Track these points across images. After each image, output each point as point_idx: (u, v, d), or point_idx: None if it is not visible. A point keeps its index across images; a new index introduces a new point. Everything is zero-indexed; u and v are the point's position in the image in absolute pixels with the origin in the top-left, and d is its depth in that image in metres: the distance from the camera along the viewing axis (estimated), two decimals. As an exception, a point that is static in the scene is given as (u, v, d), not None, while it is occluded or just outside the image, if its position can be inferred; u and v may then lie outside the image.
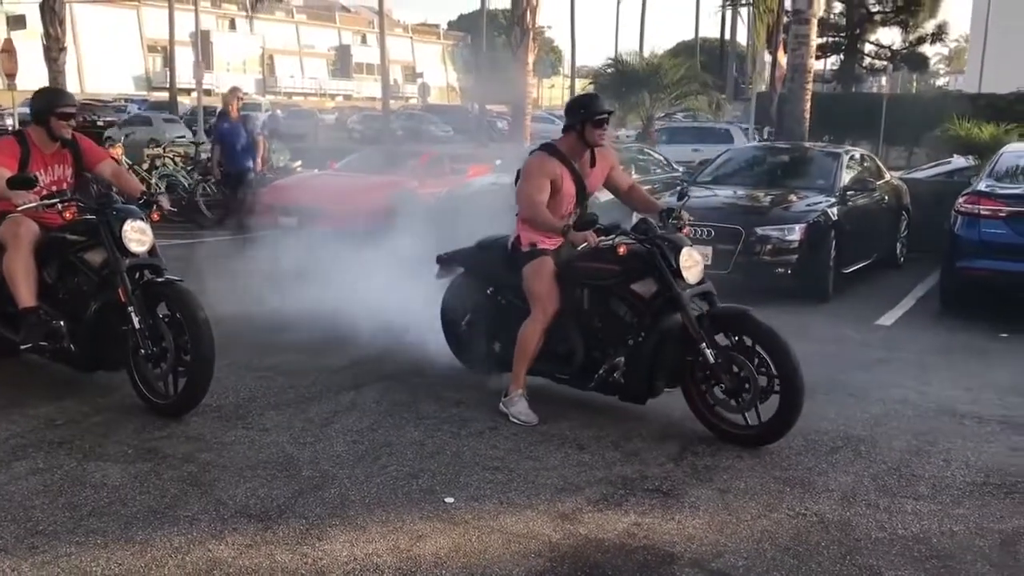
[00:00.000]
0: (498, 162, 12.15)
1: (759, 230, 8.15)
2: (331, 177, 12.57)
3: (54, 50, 17.70)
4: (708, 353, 4.49)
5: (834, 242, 8.43)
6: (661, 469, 4.29)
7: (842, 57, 35.82)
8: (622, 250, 4.56)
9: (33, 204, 4.90)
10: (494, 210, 6.37)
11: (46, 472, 4.05)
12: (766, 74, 27.18)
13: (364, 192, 10.93)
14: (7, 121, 17.48)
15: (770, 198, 8.99)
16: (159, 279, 4.88)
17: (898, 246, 10.42)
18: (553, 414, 4.93)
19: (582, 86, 38.66)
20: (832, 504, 3.94)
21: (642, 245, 4.66)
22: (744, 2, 31.27)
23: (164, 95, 40.27)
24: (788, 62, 15.09)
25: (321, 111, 44.53)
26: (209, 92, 31.58)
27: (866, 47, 36.16)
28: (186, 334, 4.68)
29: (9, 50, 16.04)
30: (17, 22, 17.46)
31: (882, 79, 39.61)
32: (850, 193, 9.05)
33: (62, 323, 4.95)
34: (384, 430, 4.71)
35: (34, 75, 16.94)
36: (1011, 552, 3.54)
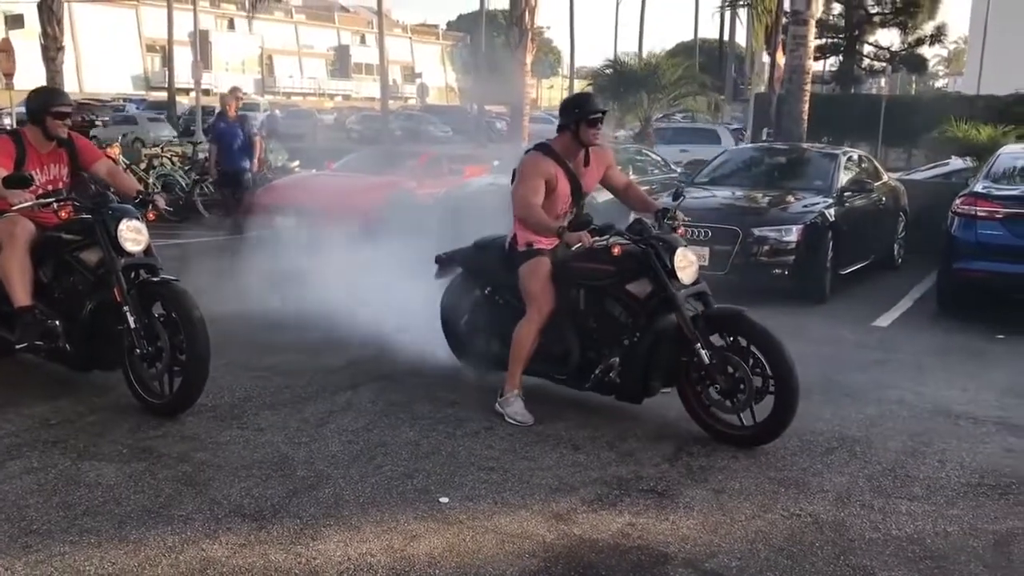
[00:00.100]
0: (496, 162, 12.16)
1: (756, 231, 8.15)
2: (329, 177, 12.57)
3: (52, 50, 17.69)
4: (703, 353, 4.49)
5: (831, 243, 8.43)
6: (656, 469, 4.29)
7: (841, 58, 35.81)
8: (616, 250, 4.56)
9: (29, 203, 4.90)
10: (492, 210, 6.37)
11: (40, 471, 4.05)
12: (765, 75, 27.24)
13: (362, 192, 10.91)
14: (5, 121, 17.48)
15: (767, 199, 9.00)
16: (155, 278, 4.88)
17: (895, 247, 10.42)
18: (549, 414, 4.93)
19: (581, 86, 38.66)
20: (827, 505, 3.94)
21: (637, 245, 4.66)
22: (743, 3, 31.27)
23: (163, 95, 40.23)
24: (786, 63, 15.11)
25: (320, 111, 44.53)
26: (208, 92, 31.59)
27: (865, 48, 36.15)
28: (181, 334, 4.69)
29: (7, 50, 16.04)
30: (15, 21, 17.45)
31: (881, 80, 39.64)
32: (847, 194, 9.05)
33: (57, 322, 4.96)
34: (379, 430, 4.71)
35: (32, 75, 16.91)
36: (1004, 553, 3.54)
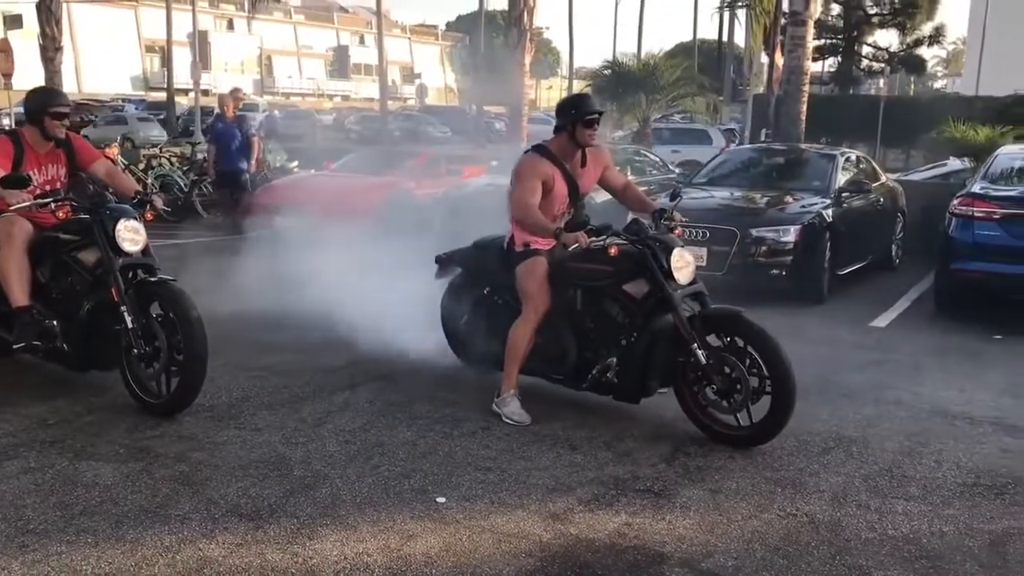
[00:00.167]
0: (494, 163, 12.17)
1: (754, 231, 8.15)
2: (327, 178, 12.58)
3: (50, 50, 17.68)
4: (699, 354, 4.50)
5: (829, 244, 8.43)
6: (653, 469, 4.30)
7: (840, 59, 35.84)
8: (613, 251, 4.57)
9: (26, 203, 4.91)
10: (490, 211, 6.38)
11: (38, 471, 4.06)
12: (764, 76, 27.26)
13: (360, 193, 10.93)
14: (4, 121, 17.47)
15: (765, 199, 9.00)
16: (152, 278, 4.88)
17: (893, 248, 10.42)
18: (546, 414, 4.94)
19: (580, 87, 38.65)
20: (823, 505, 3.94)
21: (633, 246, 4.67)
22: (741, 4, 31.27)
23: (162, 95, 40.22)
24: (785, 64, 15.13)
25: (319, 112, 44.53)
26: (207, 92, 31.56)
27: (864, 49, 36.17)
28: (179, 333, 4.69)
29: (5, 50, 16.03)
30: (14, 21, 17.43)
31: (880, 81, 39.66)
32: (845, 195, 9.05)
33: (55, 322, 4.96)
34: (377, 430, 4.71)
35: (31, 75, 16.89)
36: (1000, 552, 3.55)
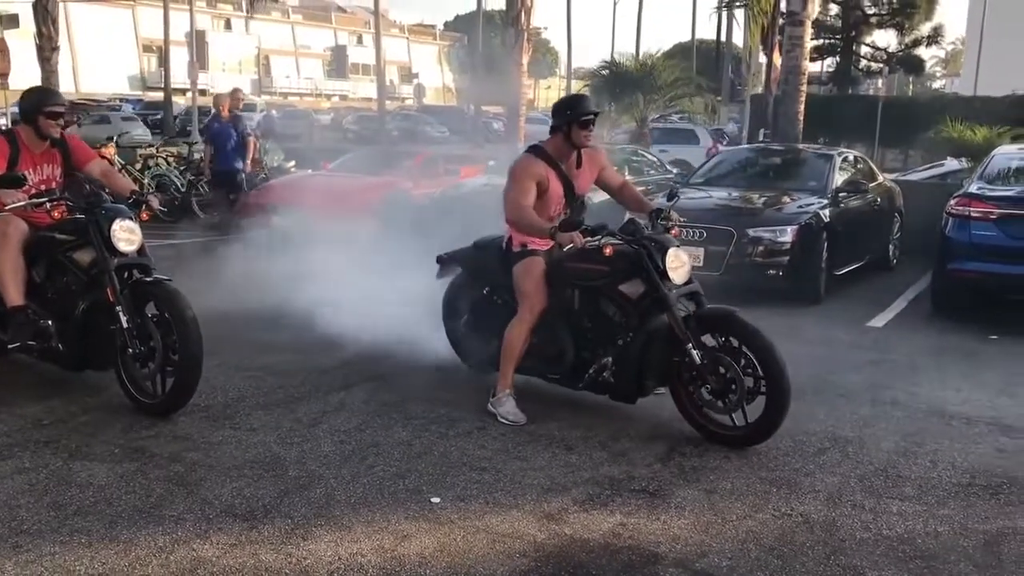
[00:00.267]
0: (491, 163, 12.16)
1: (751, 231, 8.15)
2: (325, 177, 12.56)
3: (47, 49, 17.62)
4: (694, 354, 4.50)
5: (826, 244, 8.44)
6: (648, 469, 4.30)
7: (838, 59, 35.86)
8: (608, 251, 4.57)
9: (22, 203, 4.90)
10: (487, 210, 6.38)
11: (32, 471, 4.05)
12: (762, 76, 27.30)
13: (357, 193, 10.91)
14: (0, 121, 17.45)
15: (763, 200, 9.00)
16: (147, 278, 4.88)
17: (891, 248, 10.43)
18: (542, 414, 4.94)
19: (578, 87, 38.64)
20: (818, 505, 3.94)
21: (629, 246, 4.67)
22: (739, 4, 31.28)
23: (159, 95, 40.20)
24: (782, 64, 15.13)
25: (317, 111, 44.48)
26: (204, 92, 31.52)
27: (862, 49, 36.20)
28: (174, 334, 4.69)
29: (2, 49, 15.98)
30: (10, 21, 17.35)
31: (878, 81, 39.69)
32: (842, 195, 9.06)
33: (50, 322, 4.96)
34: (372, 430, 4.71)
35: (28, 75, 16.86)
36: (994, 552, 3.55)
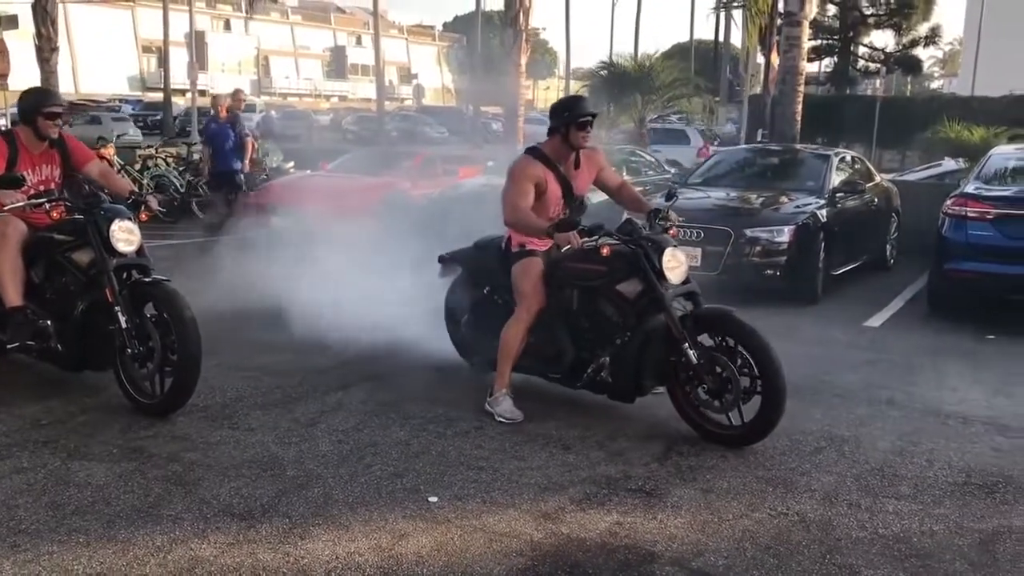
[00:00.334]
0: (490, 163, 12.18)
1: (748, 232, 8.16)
2: (323, 178, 12.58)
3: (46, 50, 17.61)
4: (690, 353, 4.51)
5: (823, 244, 8.45)
6: (645, 469, 4.31)
7: (836, 59, 35.89)
8: (605, 251, 4.59)
9: (20, 204, 4.91)
10: (485, 211, 6.39)
11: (30, 471, 4.06)
12: (760, 76, 27.35)
13: (356, 193, 10.93)
14: (0, 122, 17.45)
15: (760, 200, 9.01)
16: (146, 279, 4.89)
17: (888, 248, 10.44)
18: (540, 413, 4.95)
19: (577, 87, 38.67)
20: (814, 504, 3.96)
21: (626, 246, 4.68)
22: (737, 4, 31.33)
23: (159, 96, 40.21)
24: (780, 64, 15.13)
25: (316, 112, 44.50)
26: (204, 93, 31.54)
27: (860, 50, 36.23)
28: (173, 334, 4.70)
29: (1, 50, 15.99)
30: (9, 22, 17.32)
31: (876, 82, 39.74)
32: (839, 195, 9.07)
33: (49, 323, 4.97)
34: (370, 430, 4.72)
35: (27, 76, 16.87)
36: (989, 551, 3.56)
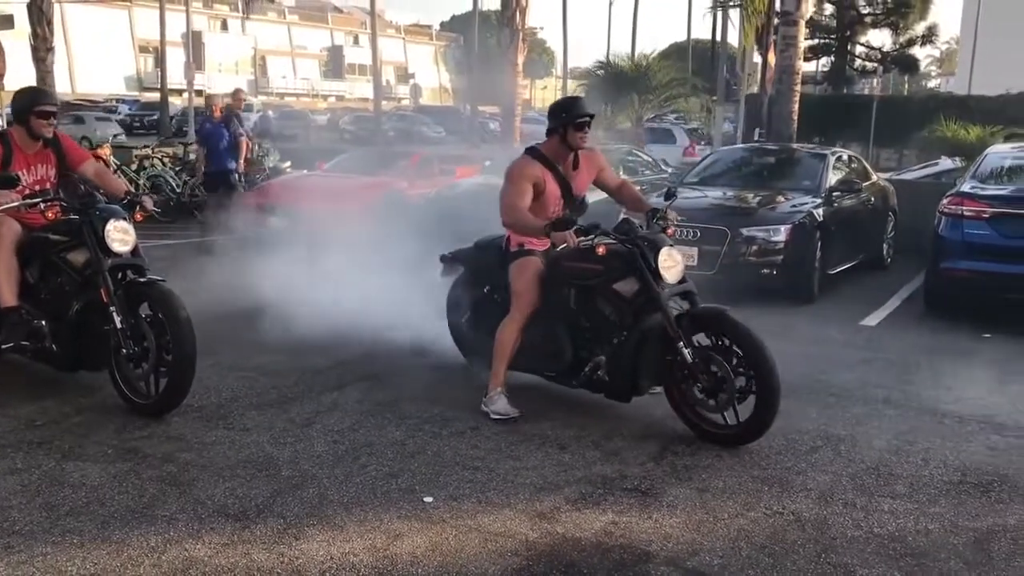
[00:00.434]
0: (487, 163, 12.17)
1: (745, 231, 8.16)
2: (320, 178, 12.57)
3: (42, 50, 17.57)
4: (685, 352, 4.51)
5: (819, 243, 8.45)
6: (641, 468, 4.31)
7: (833, 59, 35.95)
8: (601, 250, 4.59)
9: (15, 204, 4.91)
10: (482, 210, 6.39)
11: (24, 472, 4.05)
12: (757, 76, 27.37)
13: (352, 193, 10.92)
14: (-3, 122, 17.42)
15: (756, 199, 9.01)
16: (141, 279, 4.89)
17: (884, 247, 10.44)
18: (536, 413, 4.95)
19: (574, 87, 38.70)
20: (809, 503, 3.95)
21: (623, 245, 4.68)
22: (733, 4, 31.34)
23: (156, 96, 40.19)
24: (776, 64, 15.12)
25: (313, 112, 44.48)
26: (201, 93, 31.55)
27: (857, 49, 36.30)
28: (168, 334, 4.69)
29: (-2, 50, 15.97)
30: (5, 22, 17.31)
31: (873, 81, 39.79)
32: (836, 194, 9.07)
33: (44, 323, 4.96)
34: (365, 430, 4.72)
35: (23, 76, 16.84)
36: (984, 550, 3.56)
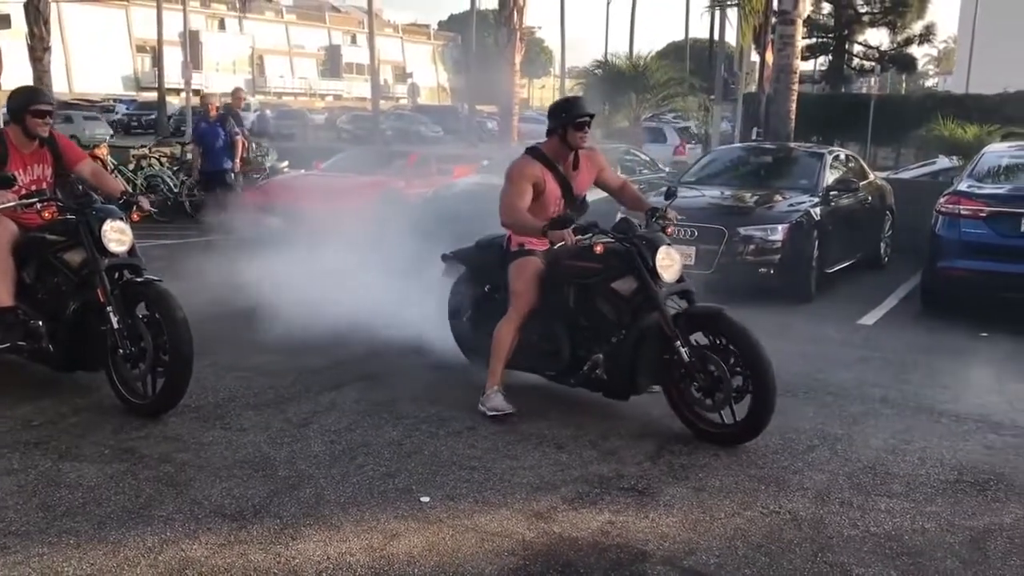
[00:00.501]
0: (485, 162, 12.17)
1: (742, 230, 8.17)
2: (317, 177, 12.57)
3: (38, 50, 17.55)
4: (682, 351, 4.51)
5: (817, 242, 8.45)
6: (638, 468, 4.31)
7: (830, 57, 35.97)
8: (598, 248, 4.59)
9: (11, 204, 4.90)
10: (479, 210, 6.39)
11: (21, 472, 4.04)
12: (755, 75, 27.40)
13: (349, 192, 10.92)
14: (-7, 122, 17.39)
15: (754, 198, 9.01)
16: (138, 279, 4.88)
17: (882, 246, 10.45)
18: (533, 413, 4.94)
19: (572, 86, 38.70)
20: (806, 502, 3.96)
21: (621, 244, 4.68)
22: (731, 3, 31.37)
23: (153, 95, 40.15)
24: (774, 62, 15.13)
25: (311, 111, 44.46)
26: (198, 92, 31.57)
27: (854, 48, 36.33)
28: (165, 334, 4.68)
29: (-5, 50, 15.96)
30: (2, 21, 17.29)
31: (871, 80, 39.81)
32: (833, 193, 9.07)
33: (40, 323, 4.95)
34: (362, 430, 4.71)
35: (20, 75, 16.84)
36: (980, 549, 3.57)
